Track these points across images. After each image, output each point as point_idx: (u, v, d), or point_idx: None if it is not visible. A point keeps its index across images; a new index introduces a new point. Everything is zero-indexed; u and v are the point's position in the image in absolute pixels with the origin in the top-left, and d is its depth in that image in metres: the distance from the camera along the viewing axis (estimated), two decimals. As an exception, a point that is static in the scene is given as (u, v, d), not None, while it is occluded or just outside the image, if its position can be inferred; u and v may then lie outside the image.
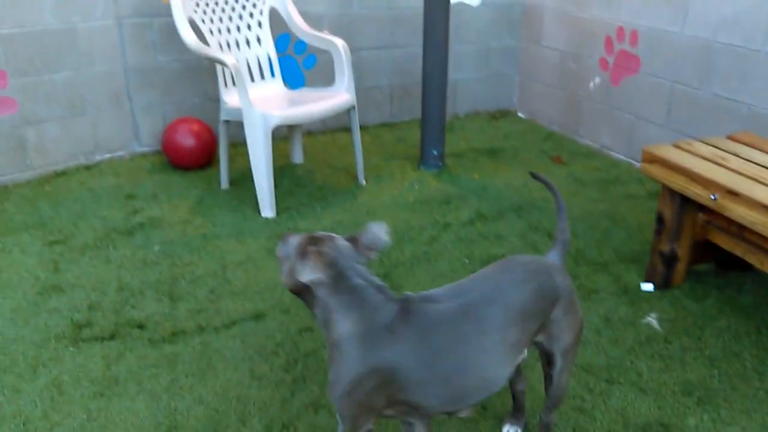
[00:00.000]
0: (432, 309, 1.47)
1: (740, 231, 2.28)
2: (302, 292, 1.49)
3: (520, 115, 4.66)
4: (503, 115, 4.65)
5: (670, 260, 2.48)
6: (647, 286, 2.54)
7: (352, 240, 1.51)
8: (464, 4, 4.34)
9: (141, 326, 2.32)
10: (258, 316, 2.37)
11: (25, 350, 2.20)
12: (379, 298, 1.45)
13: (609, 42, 3.80)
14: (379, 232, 1.51)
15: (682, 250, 2.47)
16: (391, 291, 1.50)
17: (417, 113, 4.24)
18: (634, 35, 3.61)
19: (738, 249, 2.29)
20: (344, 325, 1.44)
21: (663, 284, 2.53)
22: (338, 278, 1.45)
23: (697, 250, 2.52)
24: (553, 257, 1.67)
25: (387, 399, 1.45)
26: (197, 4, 3.22)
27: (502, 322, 1.47)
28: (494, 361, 1.48)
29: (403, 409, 1.49)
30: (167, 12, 3.47)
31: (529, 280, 1.54)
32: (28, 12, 3.27)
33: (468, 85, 4.58)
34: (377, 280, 1.49)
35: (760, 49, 2.96)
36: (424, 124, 3.64)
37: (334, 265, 1.45)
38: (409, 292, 1.53)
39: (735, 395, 2.01)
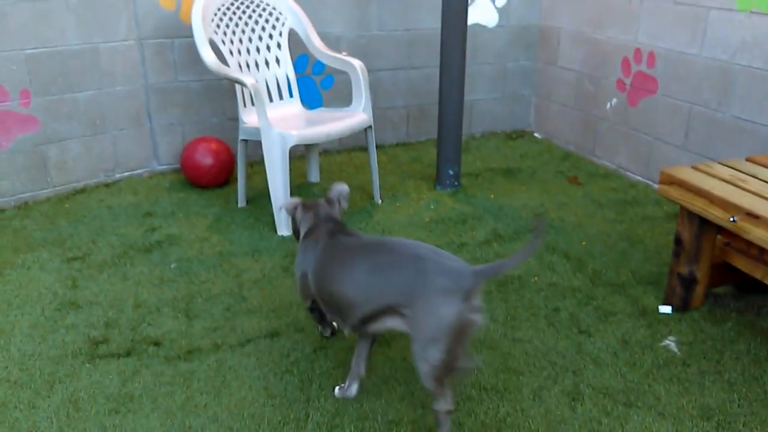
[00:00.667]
0: (341, 239, 2.01)
1: (760, 254, 2.26)
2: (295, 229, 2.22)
3: (536, 135, 4.66)
4: (519, 135, 4.66)
5: (688, 283, 2.45)
6: (665, 309, 2.51)
7: (326, 199, 2.19)
8: (481, 26, 4.36)
9: (157, 343, 2.33)
10: (273, 335, 2.38)
11: (42, 366, 2.22)
12: (315, 223, 2.11)
13: (626, 63, 3.80)
14: (340, 186, 2.22)
15: (701, 273, 2.44)
16: (336, 225, 2.08)
17: (433, 133, 4.26)
18: (652, 57, 3.61)
19: (758, 272, 2.27)
20: (300, 243, 2.15)
21: (681, 307, 2.50)
22: (307, 216, 2.15)
23: (716, 272, 2.49)
24: (474, 267, 1.77)
25: (314, 290, 2.02)
26: (218, 26, 3.27)
27: (364, 271, 1.86)
28: (350, 293, 1.87)
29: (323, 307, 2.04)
30: (188, 33, 3.53)
31: (403, 258, 1.80)
32: (51, 32, 3.34)
33: (484, 105, 4.59)
34: (331, 216, 2.12)
35: (779, 70, 2.95)
36: (440, 143, 3.65)
37: (308, 208, 2.16)
38: (351, 229, 2.08)
39: (755, 420, 1.97)
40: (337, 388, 2.09)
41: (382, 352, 2.27)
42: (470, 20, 4.25)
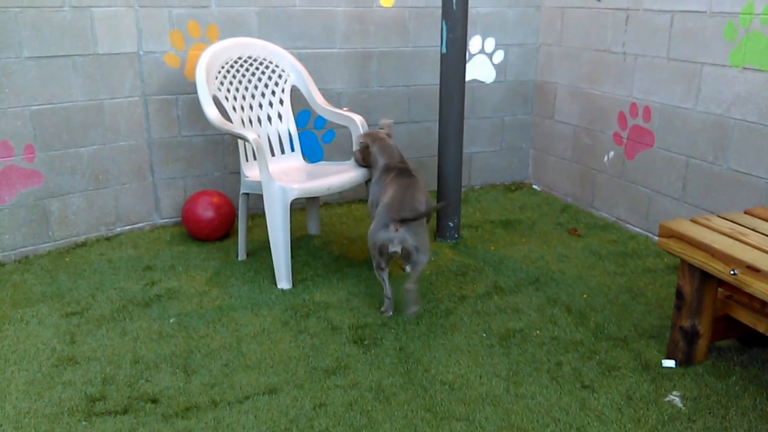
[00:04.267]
0: (399, 178, 3.00)
1: (762, 307, 2.25)
2: (365, 150, 3.23)
3: (535, 187, 4.69)
4: (518, 187, 4.69)
5: (691, 336, 2.43)
6: (669, 363, 2.49)
7: (387, 134, 3.30)
8: (479, 81, 4.45)
9: (154, 401, 2.29)
10: (272, 391, 2.34)
11: (37, 424, 2.18)
12: (392, 159, 3.16)
13: (622, 117, 3.86)
14: (388, 120, 3.45)
15: (704, 326, 2.42)
16: (397, 158, 3.16)
17: (432, 185, 4.29)
18: (647, 111, 3.67)
19: (760, 325, 2.25)
20: (379, 163, 3.18)
21: (685, 361, 2.47)
22: (383, 153, 3.19)
23: (719, 326, 2.48)
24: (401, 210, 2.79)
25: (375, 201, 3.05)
26: (221, 83, 3.34)
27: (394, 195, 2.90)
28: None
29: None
30: (192, 89, 3.61)
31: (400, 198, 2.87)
32: (57, 89, 3.40)
33: (483, 158, 4.64)
34: (399, 161, 3.16)
35: (773, 124, 3.00)
36: (439, 196, 3.68)
37: (375, 137, 3.24)
38: (409, 169, 3.11)
39: (765, 480, 1.93)
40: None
41: (382, 408, 2.24)
42: (468, 76, 4.34)
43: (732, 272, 2.14)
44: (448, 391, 2.34)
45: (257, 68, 3.50)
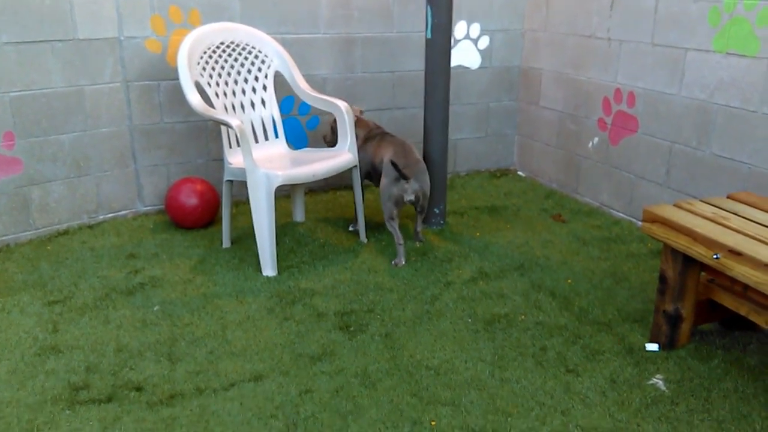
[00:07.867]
0: (385, 137, 3.43)
1: (744, 290, 2.27)
2: (333, 125, 3.51)
3: (520, 173, 4.70)
4: (503, 173, 4.70)
5: (674, 320, 2.46)
6: (652, 347, 2.51)
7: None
8: (464, 67, 4.43)
9: (139, 389, 2.28)
10: (257, 378, 2.34)
11: (20, 413, 2.16)
12: (368, 129, 3.52)
13: (607, 103, 3.87)
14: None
15: (686, 310, 2.45)
16: (373, 126, 3.54)
17: (418, 172, 4.28)
18: (632, 96, 3.68)
19: (742, 309, 2.28)
20: (359, 135, 3.48)
21: (668, 344, 2.49)
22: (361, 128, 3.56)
23: (702, 309, 2.50)
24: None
25: (370, 165, 3.44)
26: (204, 68, 3.30)
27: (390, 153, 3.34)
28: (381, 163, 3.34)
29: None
30: (174, 75, 3.57)
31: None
32: (37, 75, 3.34)
33: (468, 144, 4.64)
34: (372, 123, 3.57)
35: (758, 110, 3.01)
36: (425, 183, 3.67)
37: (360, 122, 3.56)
38: (377, 131, 3.51)
39: (746, 460, 1.96)
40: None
41: (369, 395, 2.25)
42: (453, 62, 4.32)
43: (714, 256, 2.16)
44: (434, 376, 2.35)
45: (240, 53, 3.47)
